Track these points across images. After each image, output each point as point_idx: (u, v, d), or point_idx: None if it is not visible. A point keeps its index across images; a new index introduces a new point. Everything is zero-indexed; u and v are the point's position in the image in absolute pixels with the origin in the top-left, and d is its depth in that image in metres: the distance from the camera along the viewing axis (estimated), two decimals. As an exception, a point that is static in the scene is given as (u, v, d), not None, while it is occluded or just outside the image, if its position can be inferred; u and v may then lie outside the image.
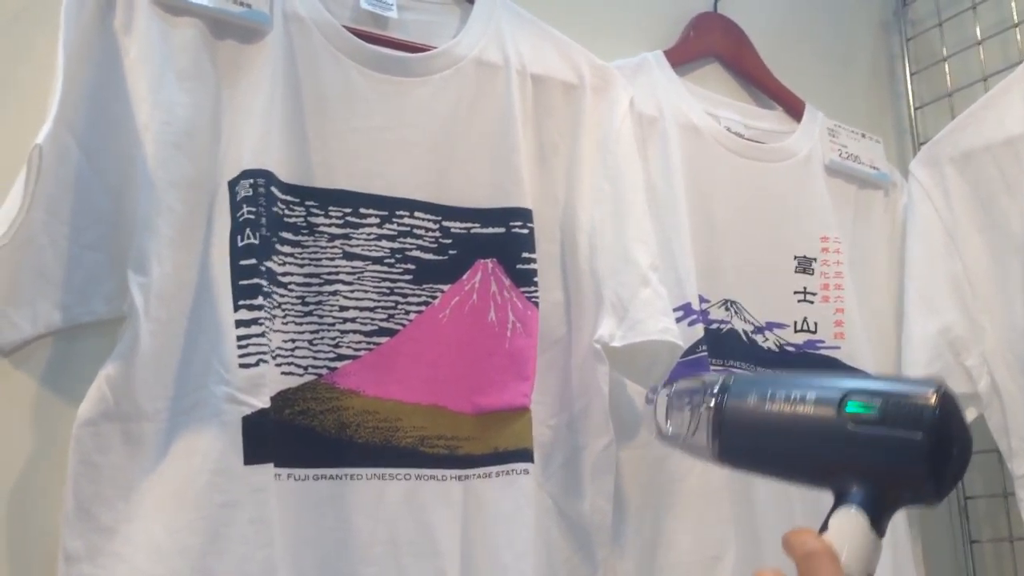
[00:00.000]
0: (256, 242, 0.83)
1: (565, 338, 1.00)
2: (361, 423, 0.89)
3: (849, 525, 0.54)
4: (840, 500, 0.55)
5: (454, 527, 0.90)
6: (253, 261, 0.82)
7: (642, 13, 1.24)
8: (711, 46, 1.26)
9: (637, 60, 1.16)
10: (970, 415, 1.19)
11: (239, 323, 0.81)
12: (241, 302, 0.81)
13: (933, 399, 0.51)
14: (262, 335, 0.81)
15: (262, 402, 0.80)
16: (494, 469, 0.92)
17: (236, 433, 0.78)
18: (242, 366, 0.80)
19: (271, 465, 0.80)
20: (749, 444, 0.59)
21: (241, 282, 0.82)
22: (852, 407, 0.53)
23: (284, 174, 0.88)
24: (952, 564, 1.32)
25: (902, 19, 1.47)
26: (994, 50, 1.35)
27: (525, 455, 0.92)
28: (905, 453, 0.51)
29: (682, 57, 1.22)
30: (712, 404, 0.59)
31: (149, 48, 0.82)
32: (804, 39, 1.41)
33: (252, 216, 0.83)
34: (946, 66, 1.41)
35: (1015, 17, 1.31)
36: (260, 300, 0.82)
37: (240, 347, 0.80)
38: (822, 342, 1.19)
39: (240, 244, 0.82)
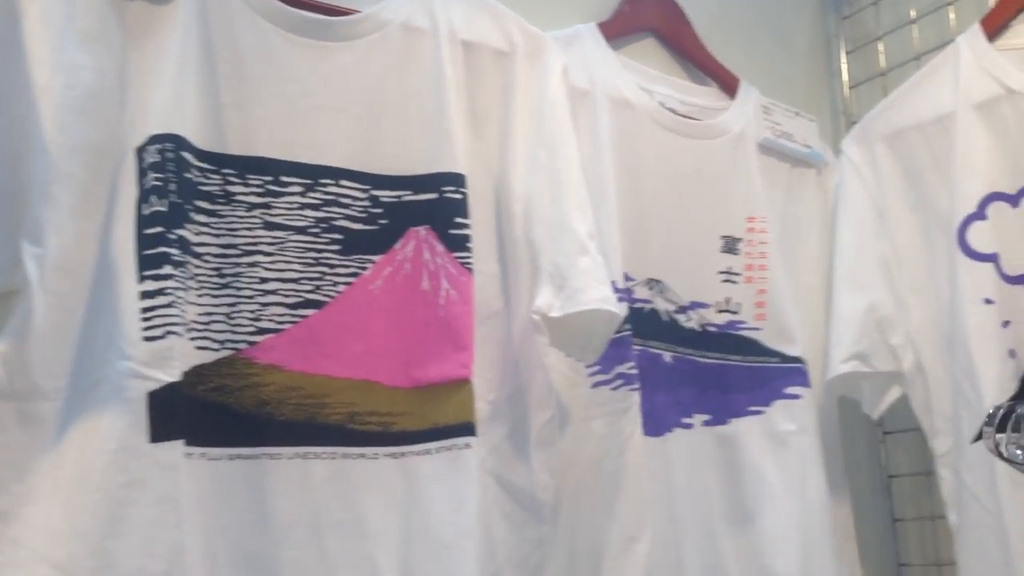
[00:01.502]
0: (163, 210, 0.79)
1: (502, 311, 0.98)
2: (283, 399, 0.86)
3: None
4: None
5: (389, 508, 0.88)
6: (160, 229, 0.78)
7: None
8: (646, 20, 1.25)
9: (570, 32, 1.14)
10: (895, 394, 1.20)
11: (144, 294, 0.77)
12: (146, 272, 0.77)
13: None
14: (170, 306, 0.77)
15: (170, 376, 0.76)
16: (433, 445, 0.89)
17: (140, 409, 0.74)
18: (147, 339, 0.76)
19: (181, 443, 0.77)
20: None
21: (146, 252, 0.78)
22: None
23: (199, 140, 0.84)
24: (877, 542, 1.34)
25: (839, -2, 1.47)
26: (929, 29, 1.35)
27: (467, 429, 0.89)
28: None
29: (617, 30, 1.20)
30: None
31: (51, 8, 0.78)
32: (741, 16, 1.40)
33: (159, 183, 0.79)
34: (880, 45, 1.41)
35: (948, -5, 1.32)
36: (168, 270, 0.78)
37: (144, 319, 0.76)
38: (743, 323, 1.19)
39: (146, 212, 0.78)
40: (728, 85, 1.28)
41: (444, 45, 0.97)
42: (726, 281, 1.19)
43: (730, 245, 1.20)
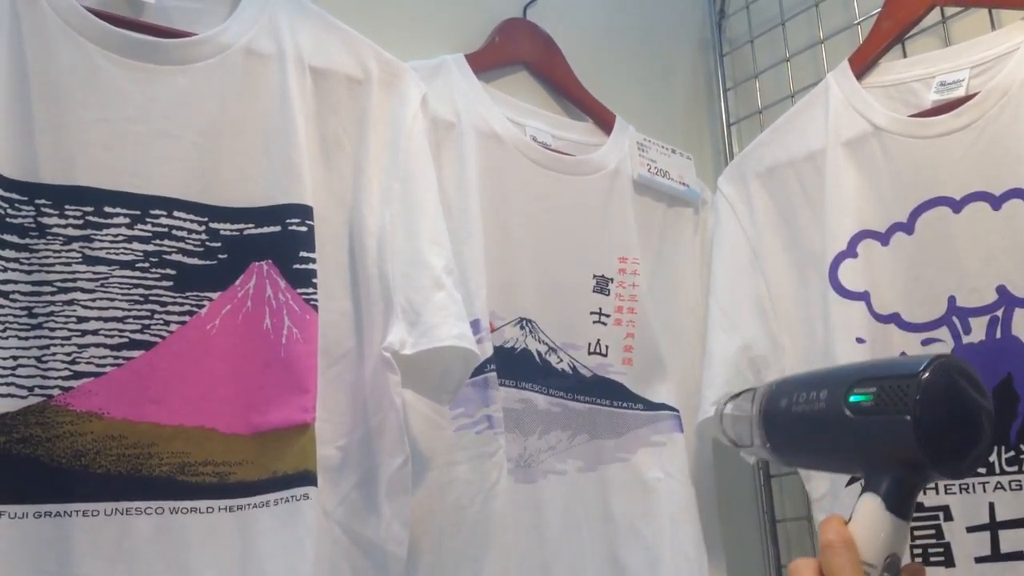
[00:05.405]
0: None
1: (354, 350, 0.93)
2: (102, 450, 0.79)
3: (866, 511, 0.57)
4: (865, 486, 0.58)
5: (222, 567, 0.81)
6: None
7: (447, 16, 1.19)
8: (518, 53, 1.22)
9: (435, 62, 1.10)
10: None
11: None
12: None
13: (922, 377, 0.53)
14: None
15: None
16: (272, 496, 0.83)
17: None
18: None
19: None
20: (789, 443, 0.62)
21: None
22: (854, 398, 0.56)
23: (6, 169, 0.77)
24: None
25: (718, 35, 1.47)
26: (804, 66, 1.35)
27: (307, 478, 0.84)
28: (898, 435, 0.53)
29: (486, 62, 1.17)
30: (756, 412, 0.63)
31: None
32: (621, 53, 1.39)
33: None
34: (757, 83, 1.40)
35: (821, 34, 1.32)
36: None
37: None
38: (612, 366, 1.15)
39: None
40: (604, 121, 1.26)
41: (291, 71, 0.92)
42: (597, 322, 1.16)
43: (601, 285, 1.16)
